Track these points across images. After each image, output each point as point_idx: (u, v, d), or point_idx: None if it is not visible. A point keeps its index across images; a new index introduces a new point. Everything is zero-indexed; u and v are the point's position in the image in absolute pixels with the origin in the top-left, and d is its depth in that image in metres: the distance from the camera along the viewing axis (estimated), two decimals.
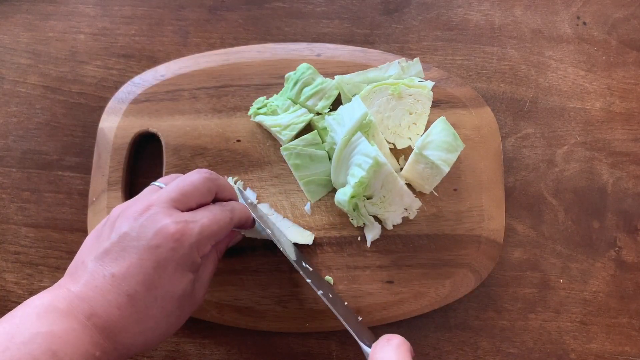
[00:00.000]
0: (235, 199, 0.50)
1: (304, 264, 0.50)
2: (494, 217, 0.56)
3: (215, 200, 0.47)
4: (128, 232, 0.39)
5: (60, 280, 0.40)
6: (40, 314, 0.36)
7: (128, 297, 0.38)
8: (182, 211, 0.42)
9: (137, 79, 0.60)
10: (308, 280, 0.47)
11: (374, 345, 0.41)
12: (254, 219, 0.50)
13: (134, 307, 0.38)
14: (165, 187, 0.44)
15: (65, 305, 0.37)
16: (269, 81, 0.59)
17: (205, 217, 0.42)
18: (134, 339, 0.39)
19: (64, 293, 0.38)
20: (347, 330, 0.57)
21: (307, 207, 0.56)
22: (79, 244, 0.58)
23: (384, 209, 0.54)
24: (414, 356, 0.40)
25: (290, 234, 0.54)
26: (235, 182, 0.57)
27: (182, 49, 0.64)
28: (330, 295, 0.48)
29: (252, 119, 0.57)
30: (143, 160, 0.60)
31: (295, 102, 0.57)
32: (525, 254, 0.59)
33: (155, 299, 0.39)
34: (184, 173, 0.56)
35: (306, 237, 0.54)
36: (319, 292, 0.46)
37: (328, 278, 0.54)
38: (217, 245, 0.47)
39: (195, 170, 0.46)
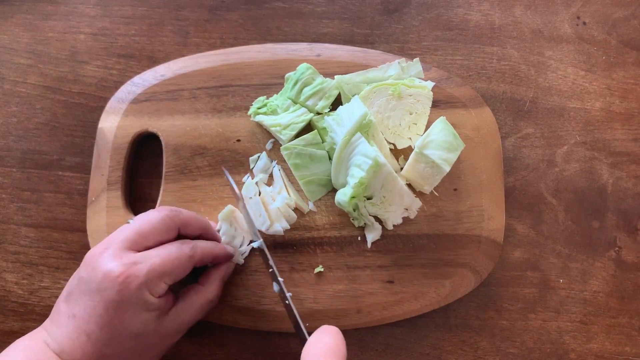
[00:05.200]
0: (205, 232, 0.50)
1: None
2: (494, 217, 0.56)
3: (180, 236, 0.48)
4: (83, 277, 0.42)
5: (45, 322, 0.44)
6: (17, 352, 0.41)
7: (87, 336, 0.41)
8: (139, 251, 0.44)
9: (137, 78, 0.60)
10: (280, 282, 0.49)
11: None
12: (229, 255, 0.51)
13: (93, 346, 0.41)
14: (124, 227, 0.45)
15: (40, 344, 0.41)
16: (269, 81, 0.59)
17: (158, 257, 0.43)
18: None
19: (41, 334, 0.42)
20: (346, 330, 0.57)
21: (311, 205, 0.56)
22: (79, 244, 0.59)
23: (384, 209, 0.54)
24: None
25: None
26: (272, 162, 0.57)
27: (182, 49, 0.64)
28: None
29: (252, 119, 0.57)
30: (143, 160, 0.60)
31: (295, 102, 0.57)
32: (525, 254, 0.59)
33: (110, 337, 0.41)
34: (183, 173, 0.57)
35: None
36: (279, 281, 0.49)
37: (319, 268, 0.55)
38: (207, 289, 0.48)
39: (156, 208, 0.48)
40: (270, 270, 0.50)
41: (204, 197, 0.56)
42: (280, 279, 0.48)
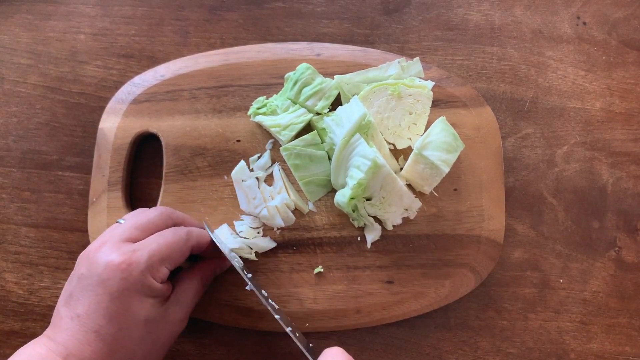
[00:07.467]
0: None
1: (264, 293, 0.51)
2: (494, 217, 0.56)
3: None
4: (84, 273, 0.42)
5: (46, 330, 0.43)
6: None
7: (95, 334, 0.40)
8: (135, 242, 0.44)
9: (137, 79, 0.60)
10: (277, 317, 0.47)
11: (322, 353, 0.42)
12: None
13: (102, 342, 0.40)
14: (116, 225, 0.46)
15: (45, 351, 0.40)
16: (269, 81, 0.59)
17: (155, 242, 0.44)
18: None
19: (44, 340, 0.41)
20: (346, 330, 0.57)
21: (311, 205, 0.56)
22: (79, 244, 0.59)
23: (384, 209, 0.54)
24: None
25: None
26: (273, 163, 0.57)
27: (182, 49, 0.64)
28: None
29: (251, 119, 0.57)
30: (143, 160, 0.60)
31: (294, 102, 0.57)
32: (525, 254, 0.59)
33: (119, 329, 0.41)
34: (183, 173, 0.57)
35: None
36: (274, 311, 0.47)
37: (319, 269, 0.55)
38: (200, 272, 0.50)
39: (153, 207, 0.49)
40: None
41: (204, 197, 0.56)
42: (276, 315, 0.47)
